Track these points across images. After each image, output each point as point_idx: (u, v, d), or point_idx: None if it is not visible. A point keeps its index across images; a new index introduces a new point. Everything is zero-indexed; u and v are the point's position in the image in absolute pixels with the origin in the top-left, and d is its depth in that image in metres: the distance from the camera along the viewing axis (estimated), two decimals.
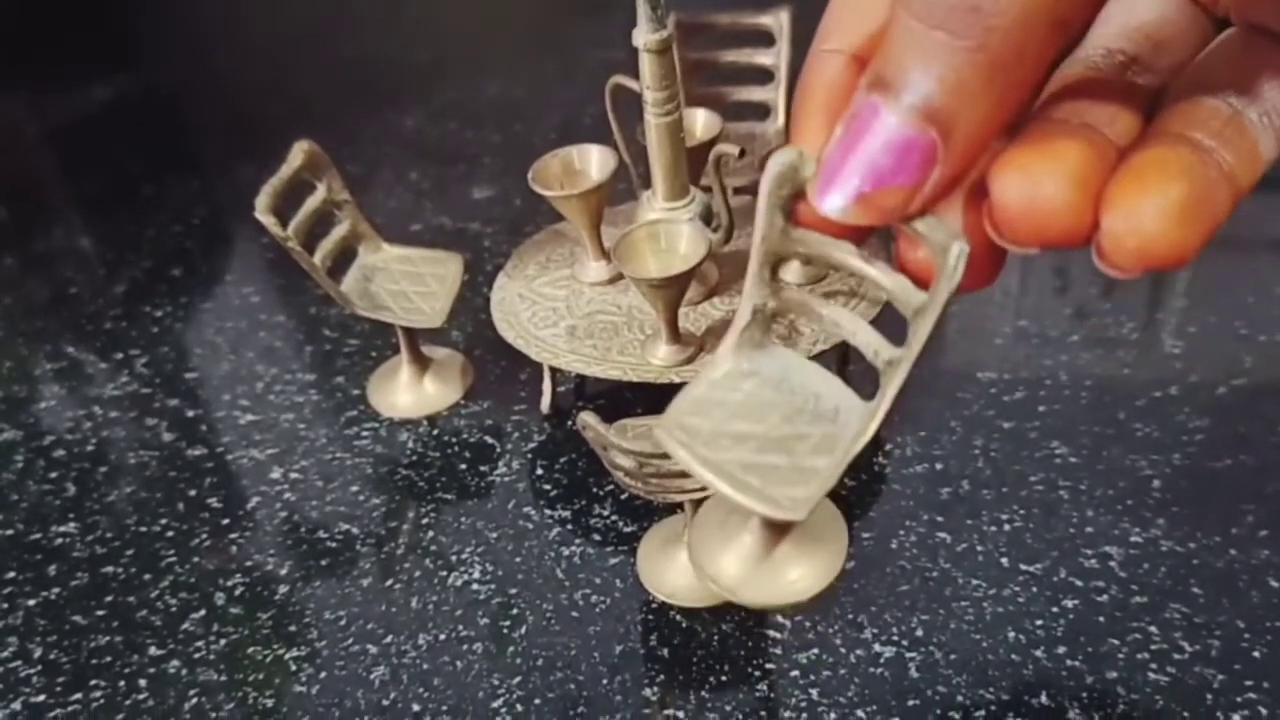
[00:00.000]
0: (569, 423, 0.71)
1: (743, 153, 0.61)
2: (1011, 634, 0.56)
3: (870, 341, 0.36)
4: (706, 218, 0.65)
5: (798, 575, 0.44)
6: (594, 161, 0.67)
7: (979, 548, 0.60)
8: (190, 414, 0.75)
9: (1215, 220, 0.31)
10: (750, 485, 0.35)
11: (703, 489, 0.53)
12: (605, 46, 1.15)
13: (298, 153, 0.68)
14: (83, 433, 0.75)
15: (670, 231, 0.61)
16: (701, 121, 0.69)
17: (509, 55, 1.17)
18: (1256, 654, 0.53)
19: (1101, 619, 0.56)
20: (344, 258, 0.71)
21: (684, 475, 0.52)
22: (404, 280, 0.71)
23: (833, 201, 0.32)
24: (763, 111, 0.79)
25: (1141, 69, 0.35)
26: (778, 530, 0.43)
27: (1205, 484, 0.62)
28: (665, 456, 0.51)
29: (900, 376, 0.34)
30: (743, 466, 0.35)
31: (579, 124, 1.02)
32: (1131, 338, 0.71)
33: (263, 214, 0.63)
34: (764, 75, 0.79)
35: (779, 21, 0.78)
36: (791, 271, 0.66)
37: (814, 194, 0.33)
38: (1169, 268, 0.32)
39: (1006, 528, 0.61)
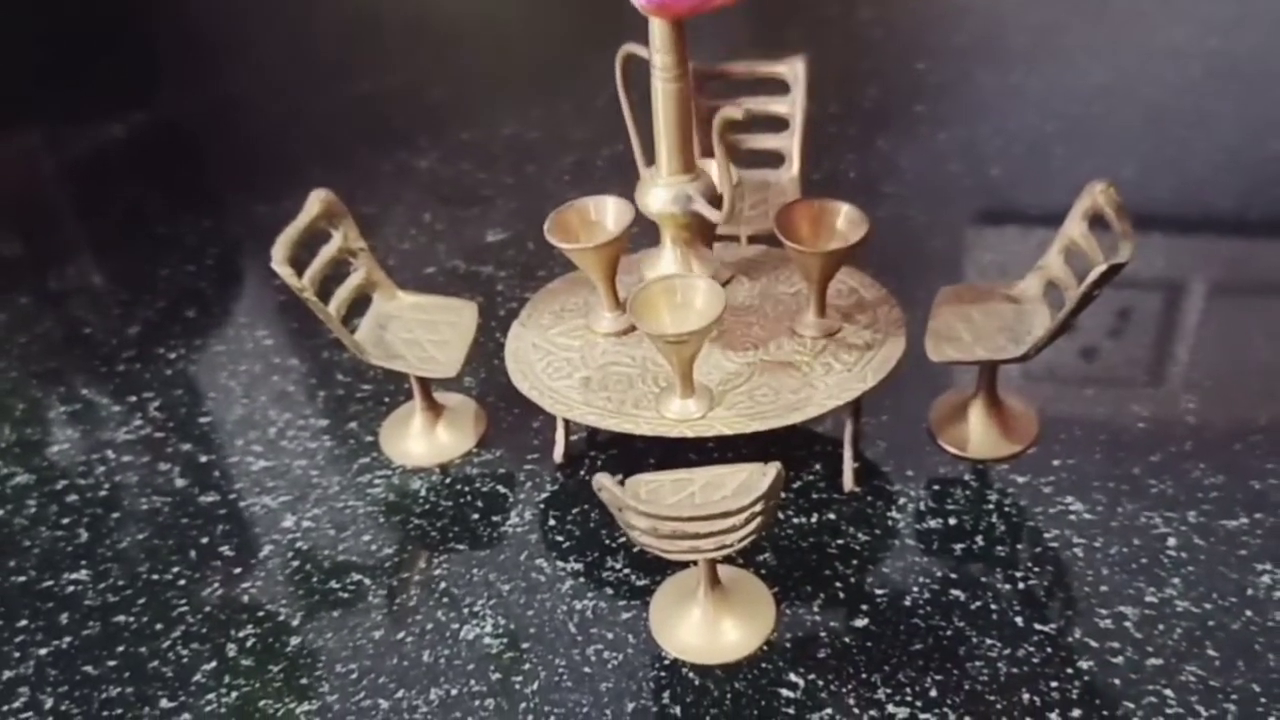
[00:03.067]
0: (581, 472, 0.71)
1: (747, 116, 0.61)
2: (1026, 696, 0.55)
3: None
4: (714, 198, 0.64)
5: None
6: (610, 213, 0.67)
7: (993, 606, 0.60)
8: (203, 459, 0.75)
9: None
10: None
11: (717, 548, 0.53)
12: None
13: (314, 201, 0.68)
14: (95, 477, 0.75)
15: (686, 286, 0.61)
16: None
17: (523, 94, 1.17)
18: (1273, 718, 0.53)
19: (1117, 681, 0.55)
20: (359, 305, 0.71)
21: (698, 536, 0.52)
22: (418, 328, 0.71)
23: None
24: (777, 159, 0.79)
25: None
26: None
27: (1220, 543, 0.61)
28: (684, 518, 0.51)
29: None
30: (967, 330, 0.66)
31: (592, 165, 1.02)
32: (1146, 392, 0.71)
33: (279, 265, 0.63)
34: (779, 123, 0.79)
35: (794, 70, 0.78)
36: (808, 325, 0.66)
37: None
38: None
39: (1021, 586, 0.61)
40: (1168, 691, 0.55)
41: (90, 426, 0.79)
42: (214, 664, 0.61)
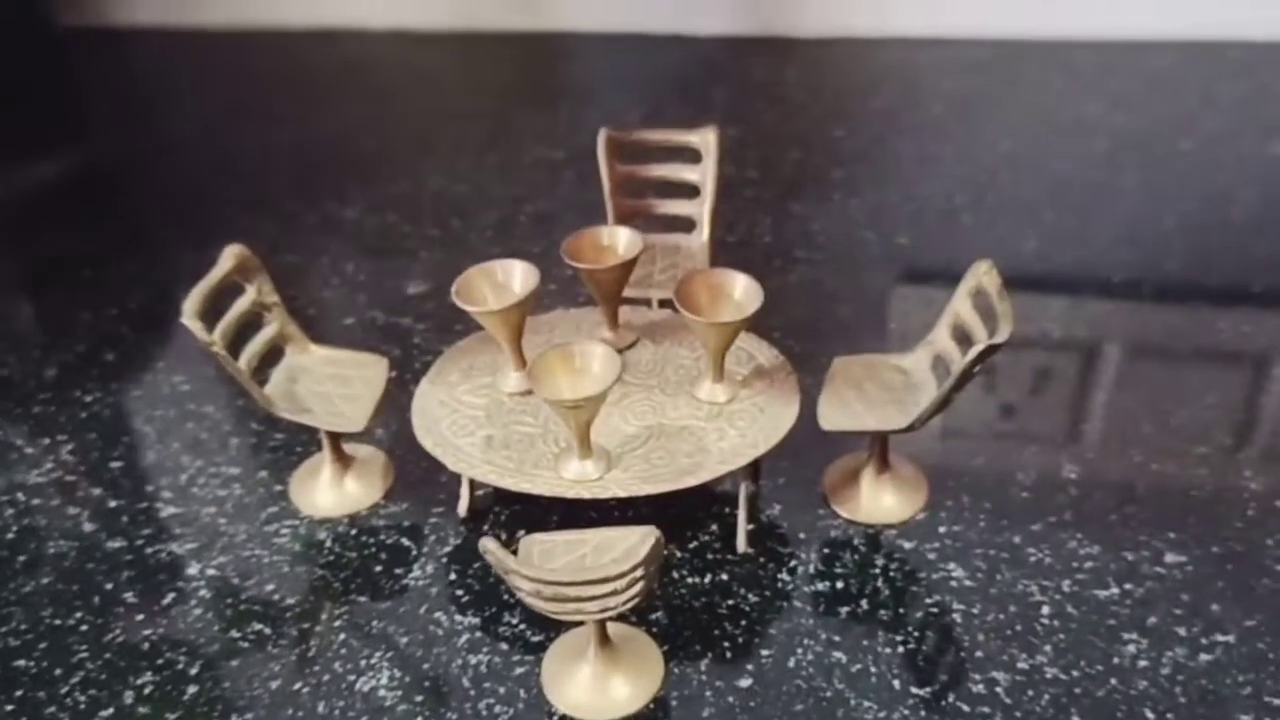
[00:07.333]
0: (485, 527, 0.72)
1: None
2: None
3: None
4: None
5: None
6: (517, 276, 0.69)
7: (873, 669, 0.62)
8: (112, 504, 0.76)
9: None
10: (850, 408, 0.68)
11: (601, 611, 0.54)
12: (547, 143, 1.18)
13: (228, 256, 0.70)
14: (4, 519, 0.75)
15: (584, 352, 0.63)
16: (624, 240, 0.71)
17: (453, 147, 1.19)
18: None
19: None
20: (271, 356, 0.73)
21: (582, 600, 0.53)
22: (329, 382, 0.73)
23: None
24: (689, 224, 0.82)
25: None
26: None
27: (1091, 612, 0.64)
28: (565, 583, 0.53)
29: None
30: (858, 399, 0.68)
31: (515, 222, 1.04)
32: (1031, 461, 0.74)
33: (189, 319, 0.65)
34: (691, 190, 0.82)
35: (705, 140, 0.81)
36: (706, 391, 0.69)
37: None
38: None
39: (900, 650, 0.63)
40: None
41: (2, 468, 0.80)
42: (110, 711, 0.62)
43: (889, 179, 1.08)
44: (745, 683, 0.62)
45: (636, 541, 0.56)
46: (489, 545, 0.52)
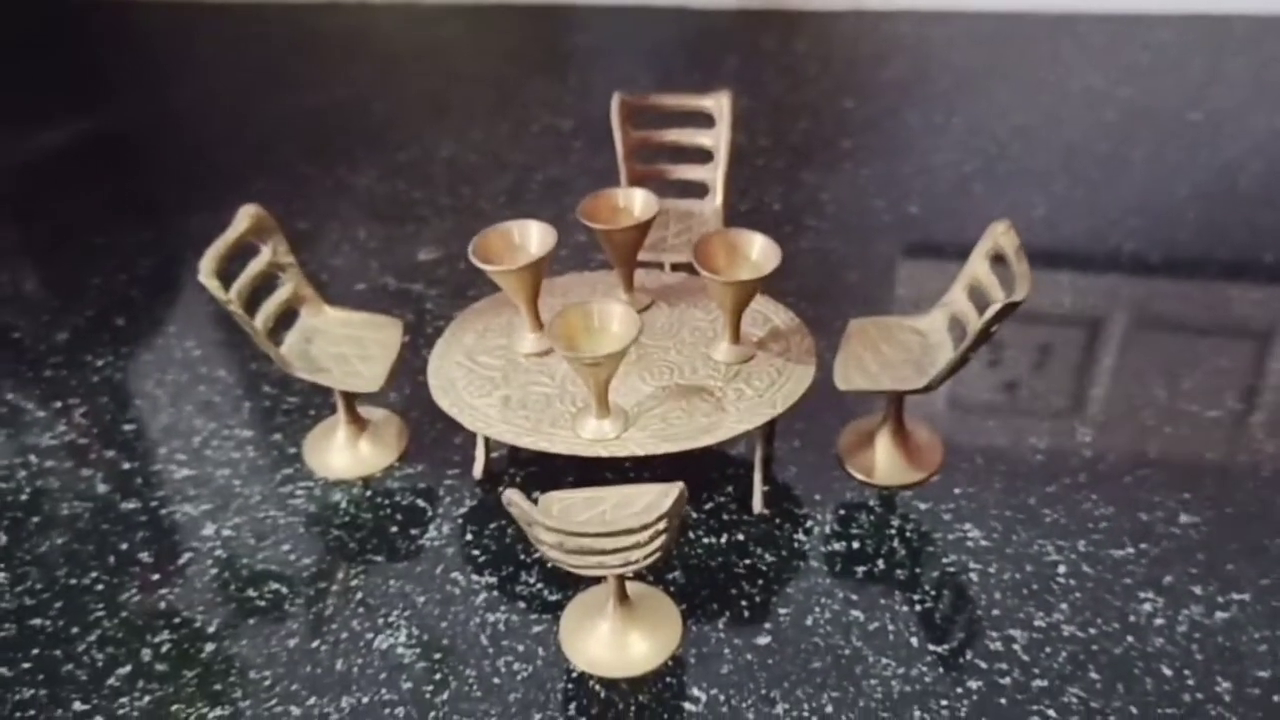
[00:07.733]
0: (501, 488, 0.72)
1: None
2: (917, 713, 0.58)
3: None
4: None
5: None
6: (534, 237, 0.69)
7: (890, 627, 0.62)
8: (126, 466, 0.76)
9: None
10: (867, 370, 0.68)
11: (623, 565, 0.55)
12: (556, 111, 1.18)
13: (244, 217, 0.70)
14: (17, 481, 0.75)
15: (603, 311, 0.63)
16: (640, 201, 0.71)
17: (463, 113, 1.19)
18: None
19: (1003, 701, 0.58)
20: (286, 318, 0.73)
21: (604, 552, 0.53)
22: (344, 343, 0.73)
23: None
24: (702, 190, 0.82)
25: None
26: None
27: (1107, 571, 0.64)
28: (589, 534, 0.53)
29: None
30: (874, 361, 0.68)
31: (526, 189, 1.04)
32: (1045, 425, 0.74)
33: (206, 277, 0.65)
34: (704, 155, 0.81)
35: (719, 104, 0.80)
36: (722, 352, 0.69)
37: None
38: None
39: (918, 608, 0.63)
40: (1051, 712, 0.57)
41: (14, 431, 0.80)
42: (128, 669, 0.62)
43: (899, 149, 1.07)
44: (763, 640, 0.62)
45: (656, 497, 0.56)
46: (513, 497, 0.52)
